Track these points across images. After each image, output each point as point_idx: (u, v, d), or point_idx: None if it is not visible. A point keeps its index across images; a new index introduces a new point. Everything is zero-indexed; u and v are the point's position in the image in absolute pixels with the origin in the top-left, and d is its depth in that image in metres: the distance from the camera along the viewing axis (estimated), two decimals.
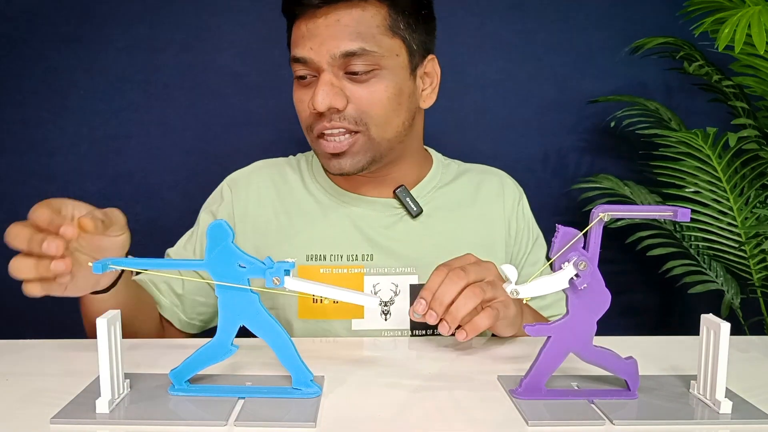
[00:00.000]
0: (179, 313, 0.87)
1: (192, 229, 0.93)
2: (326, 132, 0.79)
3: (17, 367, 0.63)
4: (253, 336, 0.54)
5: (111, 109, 1.37)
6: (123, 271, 0.66)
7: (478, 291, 0.64)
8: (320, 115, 0.78)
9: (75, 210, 0.57)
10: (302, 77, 0.79)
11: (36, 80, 1.36)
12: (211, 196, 0.95)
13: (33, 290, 0.55)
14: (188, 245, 0.91)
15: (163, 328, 0.87)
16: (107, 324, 0.50)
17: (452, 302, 0.63)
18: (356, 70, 0.76)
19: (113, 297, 0.69)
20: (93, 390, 0.55)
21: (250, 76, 1.37)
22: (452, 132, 1.38)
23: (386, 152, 0.83)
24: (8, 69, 1.35)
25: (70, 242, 0.55)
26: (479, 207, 0.92)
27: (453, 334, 0.64)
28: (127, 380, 0.56)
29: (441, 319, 0.63)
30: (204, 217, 0.92)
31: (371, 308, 0.85)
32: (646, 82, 1.43)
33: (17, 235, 0.54)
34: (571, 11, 1.39)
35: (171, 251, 0.91)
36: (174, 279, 0.86)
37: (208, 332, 0.93)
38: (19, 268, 0.54)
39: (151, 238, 0.91)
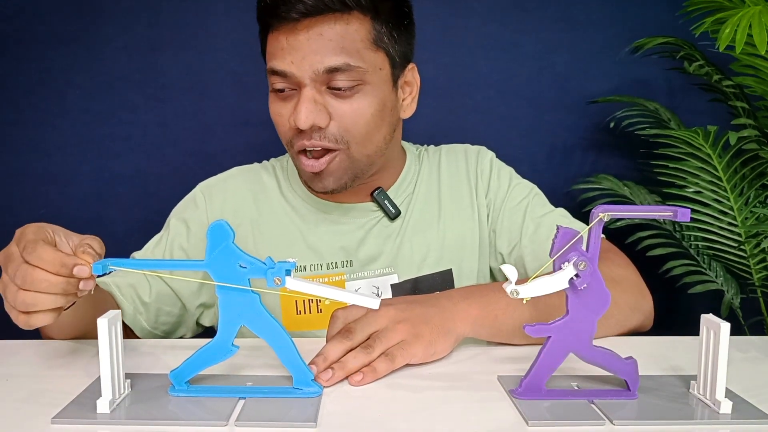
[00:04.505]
0: (142, 321, 0.82)
1: (161, 234, 0.88)
2: (307, 148, 0.77)
3: (17, 368, 0.63)
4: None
5: (109, 109, 1.37)
6: None
7: (367, 349, 0.60)
8: (300, 131, 0.75)
9: (69, 241, 0.57)
10: (280, 90, 0.76)
11: (34, 80, 1.35)
12: (182, 203, 0.91)
13: (43, 319, 0.55)
14: (156, 250, 0.86)
15: (126, 334, 0.82)
16: (108, 324, 0.50)
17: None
18: (340, 86, 0.74)
19: (73, 311, 0.64)
20: (93, 390, 0.55)
21: (250, 76, 1.36)
22: (452, 132, 1.38)
23: (367, 168, 0.81)
24: (5, 69, 1.35)
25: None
26: (450, 190, 0.91)
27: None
28: (128, 380, 0.56)
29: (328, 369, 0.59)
30: (175, 224, 0.87)
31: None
32: (647, 82, 1.43)
33: (50, 260, 0.53)
34: (572, 11, 1.39)
35: (137, 255, 0.86)
36: (141, 285, 0.82)
37: (209, 333, 0.93)
38: (48, 280, 0.53)
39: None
